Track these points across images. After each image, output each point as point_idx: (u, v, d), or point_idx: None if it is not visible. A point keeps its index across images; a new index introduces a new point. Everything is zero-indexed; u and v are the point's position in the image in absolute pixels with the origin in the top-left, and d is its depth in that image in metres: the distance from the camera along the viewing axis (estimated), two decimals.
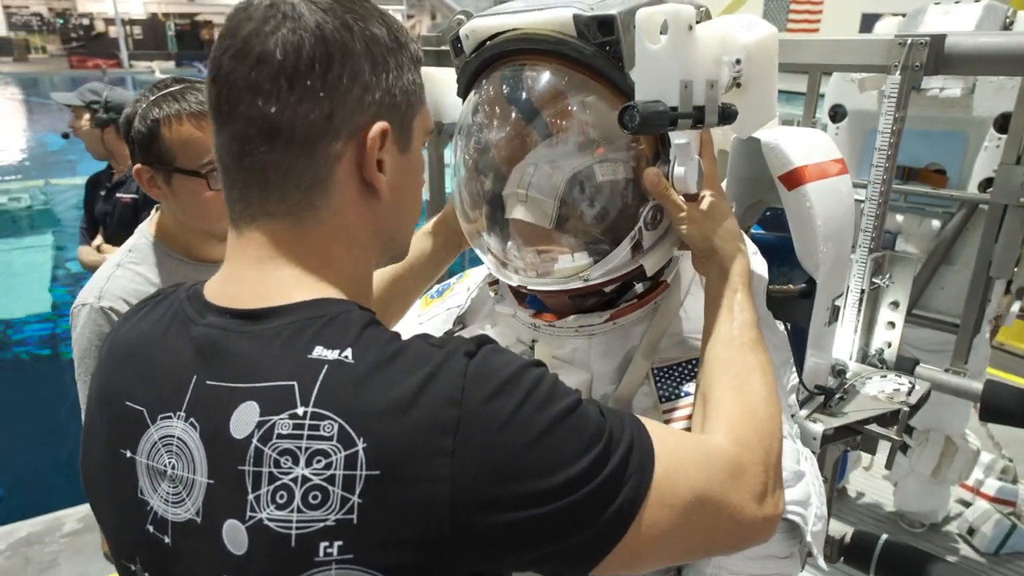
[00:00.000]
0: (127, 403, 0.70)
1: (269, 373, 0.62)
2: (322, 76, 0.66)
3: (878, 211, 1.20)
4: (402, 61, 0.72)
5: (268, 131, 0.66)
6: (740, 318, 0.87)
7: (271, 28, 0.65)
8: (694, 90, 0.81)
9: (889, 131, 1.17)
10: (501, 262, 1.02)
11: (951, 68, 1.16)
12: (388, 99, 0.70)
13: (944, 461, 2.70)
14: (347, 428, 0.58)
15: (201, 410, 0.64)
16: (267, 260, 0.69)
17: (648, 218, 0.93)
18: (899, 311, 1.29)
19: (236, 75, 0.66)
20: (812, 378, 1.15)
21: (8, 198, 8.82)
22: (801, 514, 0.92)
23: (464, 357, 0.63)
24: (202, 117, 1.36)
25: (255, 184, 0.68)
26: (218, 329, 0.67)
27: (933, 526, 2.85)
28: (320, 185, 0.68)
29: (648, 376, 0.99)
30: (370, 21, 0.69)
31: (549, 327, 1.05)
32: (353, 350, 0.61)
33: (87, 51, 26.03)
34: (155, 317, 0.74)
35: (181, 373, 0.67)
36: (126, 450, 0.69)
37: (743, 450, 0.76)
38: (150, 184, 1.39)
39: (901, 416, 1.12)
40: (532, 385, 0.63)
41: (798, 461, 0.96)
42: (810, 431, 1.08)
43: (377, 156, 0.70)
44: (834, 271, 1.08)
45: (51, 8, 30.20)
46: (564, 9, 0.87)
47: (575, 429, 0.63)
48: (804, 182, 1.02)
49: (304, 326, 0.64)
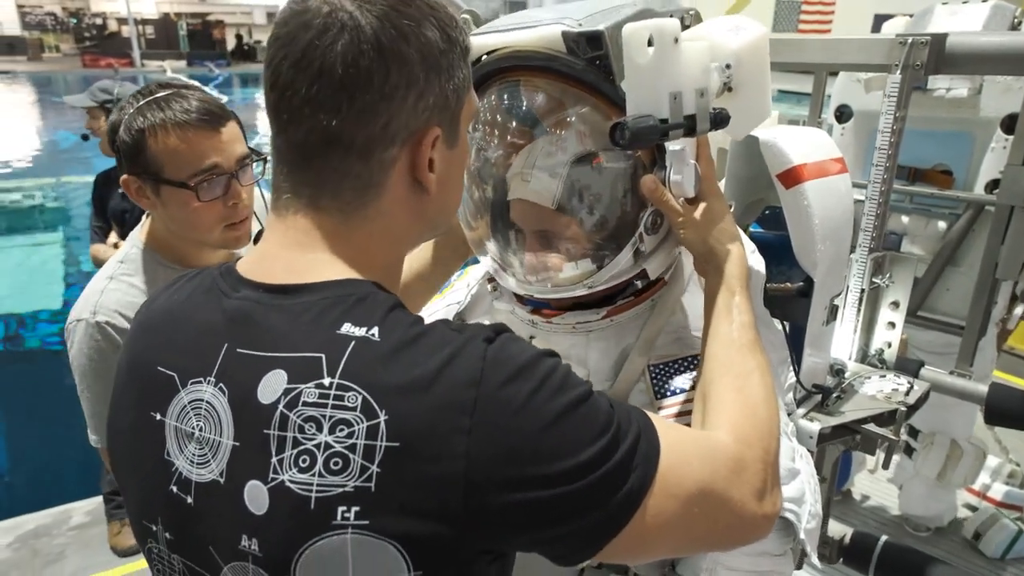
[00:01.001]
0: (159, 368, 0.73)
1: (298, 345, 0.64)
2: (380, 88, 0.67)
3: (878, 211, 1.20)
4: (453, 60, 0.72)
5: (328, 141, 0.68)
6: (739, 320, 0.89)
7: (330, 40, 0.66)
8: (684, 100, 0.82)
9: (890, 130, 1.17)
10: (502, 266, 1.04)
11: (952, 67, 1.16)
12: (440, 101, 0.71)
13: (950, 464, 2.68)
14: (370, 400, 0.60)
15: (230, 376, 0.67)
16: (307, 245, 0.71)
17: (648, 223, 0.95)
18: (899, 311, 1.28)
19: (297, 86, 0.67)
20: (810, 377, 1.14)
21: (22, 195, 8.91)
22: (795, 511, 0.92)
23: (483, 343, 0.65)
24: (188, 128, 1.31)
25: (309, 183, 0.70)
26: (251, 302, 0.69)
27: (939, 530, 2.83)
28: (374, 189, 0.70)
29: (644, 373, 1.00)
30: (424, 24, 0.70)
31: (546, 323, 1.06)
32: (380, 329, 0.64)
33: (100, 50, 26.21)
34: (188, 290, 0.77)
35: (213, 341, 0.69)
36: (156, 413, 0.72)
37: (744, 447, 0.77)
38: (138, 194, 1.35)
39: (898, 416, 1.12)
40: (547, 373, 0.65)
41: (793, 459, 0.97)
42: (806, 430, 1.08)
43: (430, 156, 0.72)
44: (832, 270, 1.08)
45: (65, 8, 30.48)
46: (553, 26, 0.89)
47: (587, 417, 0.65)
48: (802, 180, 1.02)
49: (334, 303, 0.66)
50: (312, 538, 0.61)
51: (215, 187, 1.33)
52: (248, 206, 1.40)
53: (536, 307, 1.06)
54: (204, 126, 1.32)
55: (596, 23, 0.87)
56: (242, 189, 1.37)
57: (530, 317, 1.07)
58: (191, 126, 1.31)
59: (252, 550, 0.64)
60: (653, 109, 0.81)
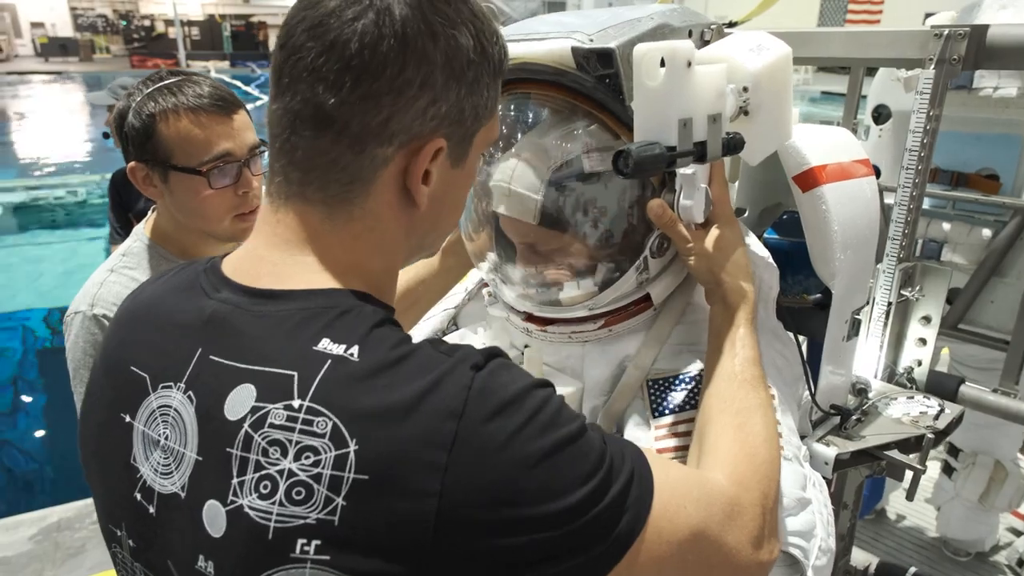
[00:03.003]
0: (132, 368, 0.69)
1: (272, 358, 0.61)
2: (391, 79, 0.62)
3: (908, 217, 1.10)
4: (480, 74, 0.67)
5: (320, 119, 0.63)
6: (742, 354, 0.84)
7: (353, 14, 0.61)
8: (694, 127, 0.77)
9: (922, 130, 1.08)
10: (500, 279, 1.01)
11: (994, 62, 1.06)
12: (454, 113, 0.66)
13: (993, 487, 2.55)
14: (341, 428, 0.56)
15: (200, 384, 0.64)
16: (294, 244, 0.67)
17: (654, 246, 0.92)
18: (931, 326, 1.18)
19: (304, 52, 0.62)
20: (827, 397, 1.06)
21: (66, 191, 9.18)
22: (802, 547, 0.84)
23: (471, 370, 0.60)
24: (200, 112, 1.28)
25: (297, 165, 0.65)
26: (230, 305, 0.65)
27: (979, 555, 2.68)
28: (361, 184, 0.65)
29: (643, 388, 0.93)
30: (459, 28, 0.65)
31: (541, 332, 1.01)
32: (360, 347, 0.60)
33: (148, 51, 26.95)
34: (171, 285, 0.74)
35: (187, 344, 0.66)
36: (126, 415, 0.69)
37: (742, 491, 0.73)
38: (145, 182, 1.32)
39: (925, 443, 1.02)
40: (536, 407, 0.60)
41: (804, 487, 0.89)
42: (821, 455, 1.00)
43: (425, 167, 0.66)
44: (853, 282, 1.00)
45: (115, 10, 31.48)
46: (564, 40, 0.86)
47: (576, 457, 0.60)
48: (820, 183, 0.94)
49: (316, 314, 0.62)
50: (268, 569, 0.57)
51: (226, 175, 1.30)
52: (258, 196, 1.38)
53: (531, 315, 1.01)
54: (216, 112, 1.29)
55: (608, 39, 0.84)
56: (253, 178, 1.35)
57: (524, 325, 1.03)
58: (203, 111, 1.28)
59: (208, 572, 0.60)
60: (661, 135, 0.76)
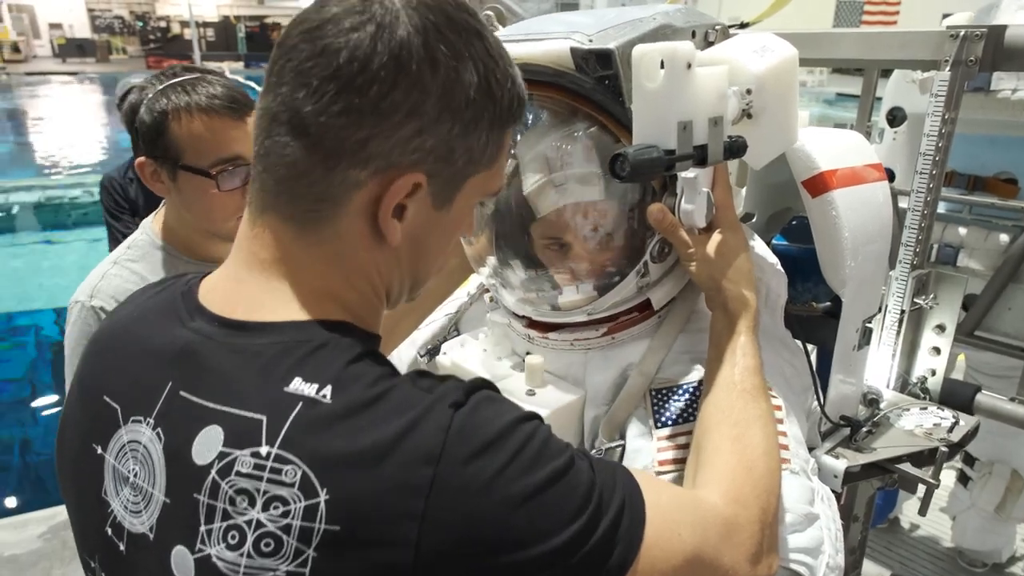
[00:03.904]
0: (104, 397, 0.67)
1: (241, 399, 0.58)
2: (375, 99, 0.58)
3: (922, 223, 1.07)
4: (481, 116, 0.62)
5: (295, 125, 0.60)
6: (742, 363, 0.82)
7: (351, 24, 0.58)
8: (695, 130, 0.75)
9: (937, 133, 1.05)
10: (501, 283, 1.00)
11: (1013, 63, 1.02)
12: (442, 150, 0.62)
13: (1010, 497, 2.50)
14: (310, 476, 0.54)
15: (169, 422, 0.62)
16: (269, 264, 0.64)
17: (655, 251, 0.90)
18: (945, 335, 1.15)
19: (295, 54, 0.60)
20: (837, 408, 1.03)
21: (82, 191, 9.28)
22: (809, 564, 0.81)
23: (450, 408, 0.57)
24: (213, 113, 1.26)
25: (272, 172, 0.62)
26: (203, 336, 0.63)
27: (996, 567, 2.63)
28: (330, 203, 0.61)
29: (645, 398, 0.91)
30: (465, 62, 0.61)
31: (543, 339, 0.99)
32: (333, 387, 0.57)
33: (163, 52, 27.21)
34: (148, 308, 0.71)
35: (158, 376, 0.64)
36: (98, 446, 0.67)
37: (739, 508, 0.71)
38: (153, 178, 1.32)
39: (939, 456, 0.99)
40: (521, 444, 0.57)
41: (811, 502, 0.86)
42: (831, 468, 0.97)
43: (399, 202, 0.62)
44: (864, 289, 0.97)
45: (132, 11, 31.82)
46: (562, 41, 0.84)
47: (563, 494, 0.57)
48: (830, 188, 0.91)
49: (289, 349, 0.59)
50: None
51: (235, 177, 1.29)
52: None
53: (533, 321, 0.99)
54: (229, 114, 1.28)
55: (607, 40, 0.82)
56: None
57: (526, 332, 1.01)
58: (216, 113, 1.26)
59: None
60: (660, 138, 0.74)
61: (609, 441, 0.91)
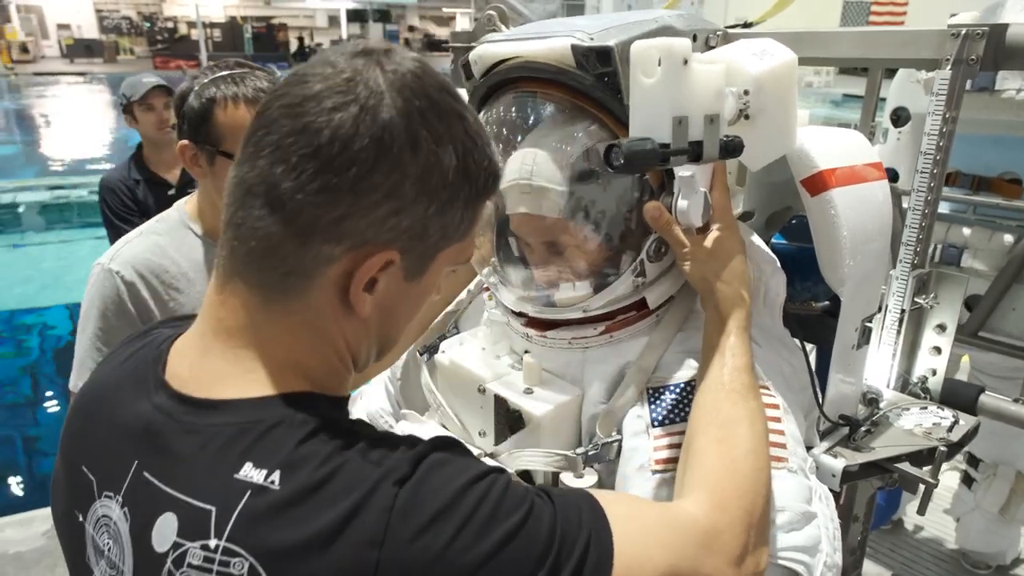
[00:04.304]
0: (83, 467, 0.69)
1: (194, 487, 0.60)
2: (354, 179, 0.58)
3: (923, 222, 1.07)
4: (457, 196, 0.63)
5: (271, 199, 0.59)
6: (731, 363, 0.83)
7: (333, 104, 0.58)
8: (690, 125, 0.76)
9: (938, 133, 1.04)
10: (501, 280, 1.01)
11: (1014, 62, 1.02)
12: (417, 229, 0.62)
13: (1014, 499, 2.49)
14: (258, 568, 0.55)
15: (135, 503, 0.63)
16: (234, 332, 0.64)
17: (652, 250, 0.91)
18: (946, 335, 1.15)
19: (275, 128, 0.59)
20: (837, 407, 1.03)
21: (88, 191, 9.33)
22: (806, 563, 0.81)
23: (394, 487, 0.57)
24: (257, 105, 1.33)
25: (244, 241, 0.62)
26: (164, 414, 0.64)
27: (1000, 568, 2.62)
28: (301, 276, 0.62)
29: (643, 396, 0.91)
30: (445, 146, 0.61)
31: (541, 338, 0.99)
32: (281, 472, 0.57)
33: (170, 53, 27.31)
34: (124, 373, 0.72)
35: (127, 453, 0.65)
36: (79, 514, 0.68)
37: (719, 513, 0.71)
38: (192, 161, 1.38)
39: (938, 455, 0.99)
40: (472, 508, 0.57)
41: (809, 500, 0.86)
42: (829, 467, 0.97)
43: (372, 276, 0.62)
44: (862, 289, 0.97)
45: (139, 12, 31.97)
46: (564, 38, 0.86)
47: (521, 549, 0.57)
48: (829, 187, 0.91)
49: (243, 431, 0.60)
50: None
51: None
52: None
53: (531, 320, 1.00)
54: None
55: (608, 38, 0.83)
56: None
57: (524, 331, 1.01)
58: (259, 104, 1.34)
59: None
60: (655, 132, 0.75)
61: (606, 436, 0.91)
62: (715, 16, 3.83)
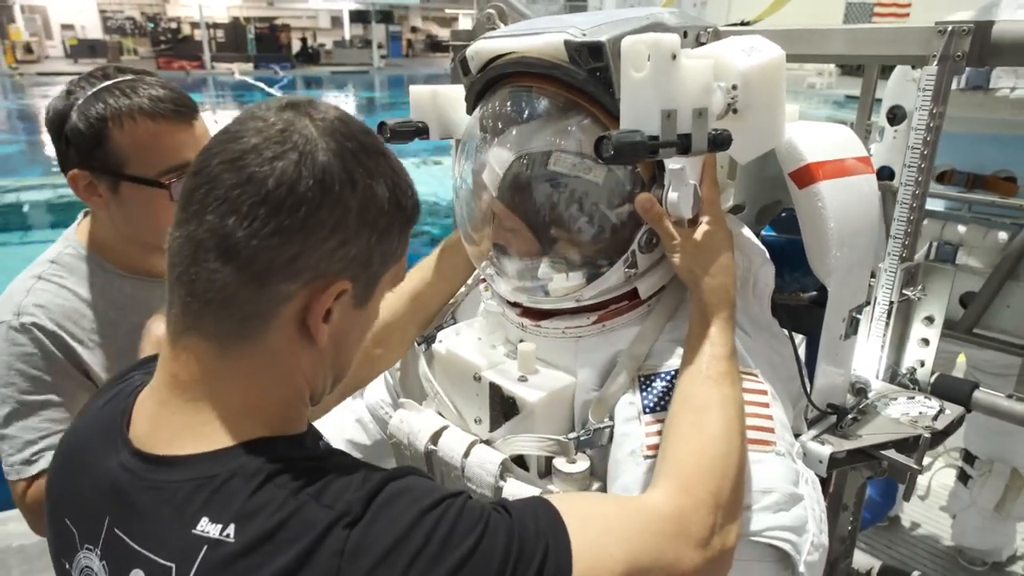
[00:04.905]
0: (65, 520, 0.72)
1: (156, 544, 0.63)
2: (304, 218, 0.63)
3: (911, 216, 1.09)
4: (392, 224, 0.69)
5: (226, 249, 0.62)
6: (710, 351, 0.86)
7: (273, 154, 0.62)
8: (679, 119, 0.78)
9: (924, 127, 1.06)
10: (496, 272, 1.03)
11: (999, 58, 1.04)
12: (363, 257, 0.67)
13: (1009, 495, 2.49)
14: None
15: (110, 557, 0.67)
16: (189, 386, 0.67)
17: (643, 241, 0.93)
18: (934, 327, 1.17)
19: (218, 184, 0.63)
20: (826, 396, 1.05)
21: None
22: (793, 541, 0.83)
23: (345, 529, 0.59)
24: (159, 117, 1.15)
25: (197, 297, 0.65)
26: (128, 473, 0.67)
27: (996, 565, 2.63)
28: (259, 319, 0.65)
29: (634, 383, 0.93)
30: (377, 180, 0.67)
31: (536, 327, 1.02)
32: (236, 525, 0.60)
33: (174, 53, 27.42)
34: (98, 425, 0.75)
35: (100, 508, 0.69)
36: (66, 562, 0.72)
37: (684, 496, 0.75)
38: (88, 191, 1.18)
39: (921, 442, 1.01)
40: (426, 536, 0.60)
41: (796, 483, 0.88)
42: (816, 453, 0.99)
43: (328, 307, 0.66)
44: (849, 279, 0.99)
45: (143, 12, 32.06)
46: (557, 34, 0.88)
47: (478, 568, 0.60)
48: (816, 180, 0.93)
49: (201, 486, 0.63)
50: None
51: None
52: None
53: (526, 310, 1.02)
54: (176, 118, 1.17)
55: (600, 34, 0.85)
56: None
57: (519, 320, 1.03)
58: (162, 117, 1.15)
59: None
60: (645, 125, 0.77)
61: (598, 422, 0.93)
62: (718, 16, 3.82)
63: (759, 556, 0.84)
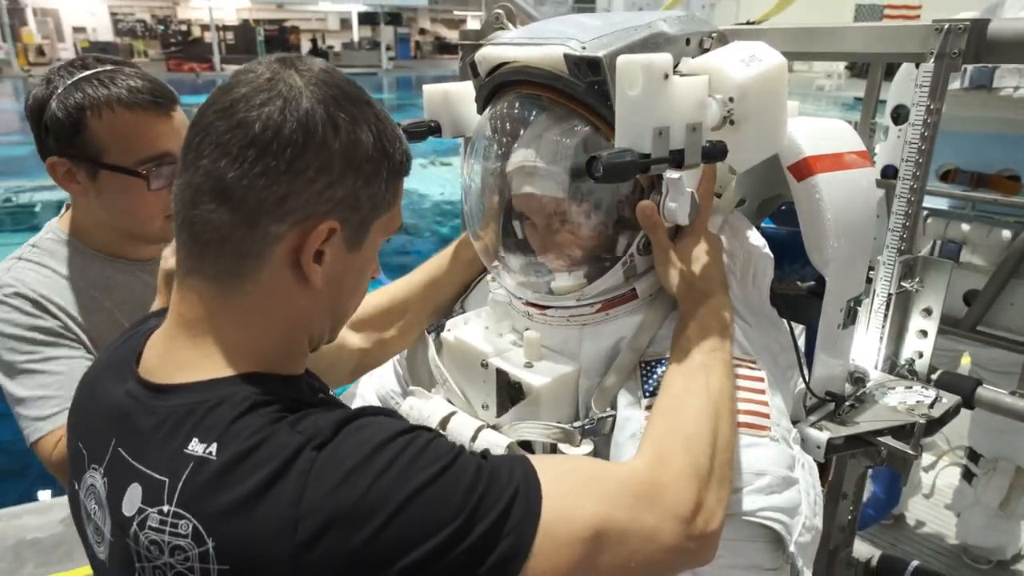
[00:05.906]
0: (78, 442, 0.78)
1: (153, 461, 0.68)
2: (289, 160, 0.67)
3: (908, 209, 1.12)
4: (379, 169, 0.73)
5: (220, 191, 0.67)
6: (695, 344, 0.89)
7: (261, 100, 0.67)
8: (671, 134, 0.81)
9: (922, 123, 1.09)
10: (503, 266, 1.06)
11: (996, 56, 1.06)
12: (350, 200, 0.71)
13: (1014, 493, 2.50)
14: (199, 528, 0.63)
15: (112, 474, 0.72)
16: (194, 323, 0.72)
17: (641, 244, 0.96)
18: (932, 319, 1.19)
19: (211, 130, 0.68)
20: (824, 385, 1.07)
21: None
22: (784, 522, 0.86)
23: (313, 451, 0.63)
24: (137, 107, 1.17)
25: (197, 238, 0.70)
26: (133, 399, 0.73)
27: (1000, 563, 2.63)
28: (253, 259, 0.70)
29: (635, 369, 0.96)
30: (360, 126, 0.71)
31: (541, 315, 1.05)
32: (218, 444, 0.65)
33: (184, 55, 27.66)
34: (114, 360, 0.81)
35: (107, 431, 0.74)
36: (76, 482, 0.77)
37: (661, 467, 0.76)
38: (66, 178, 1.20)
39: (916, 429, 1.03)
40: (390, 459, 0.64)
41: (791, 467, 0.91)
42: (813, 439, 1.01)
43: (318, 247, 0.70)
44: (847, 269, 1.02)
45: (154, 15, 32.29)
46: (558, 46, 0.90)
47: (440, 495, 0.63)
48: (814, 173, 0.96)
49: (191, 411, 0.67)
50: None
51: (162, 176, 1.20)
52: None
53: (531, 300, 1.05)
54: (155, 108, 1.19)
55: (598, 48, 0.87)
56: None
57: (525, 309, 1.06)
58: (140, 107, 1.17)
59: None
60: (638, 142, 0.79)
61: (601, 412, 0.96)
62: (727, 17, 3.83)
63: (751, 536, 0.86)
